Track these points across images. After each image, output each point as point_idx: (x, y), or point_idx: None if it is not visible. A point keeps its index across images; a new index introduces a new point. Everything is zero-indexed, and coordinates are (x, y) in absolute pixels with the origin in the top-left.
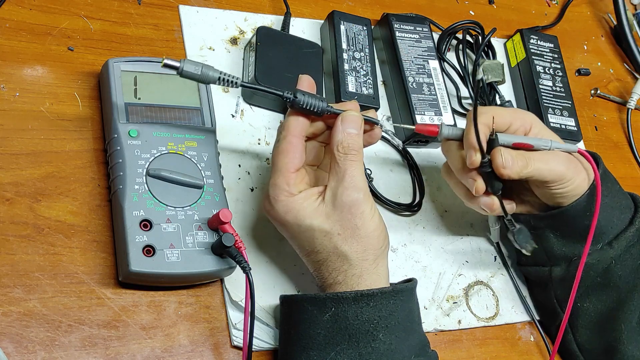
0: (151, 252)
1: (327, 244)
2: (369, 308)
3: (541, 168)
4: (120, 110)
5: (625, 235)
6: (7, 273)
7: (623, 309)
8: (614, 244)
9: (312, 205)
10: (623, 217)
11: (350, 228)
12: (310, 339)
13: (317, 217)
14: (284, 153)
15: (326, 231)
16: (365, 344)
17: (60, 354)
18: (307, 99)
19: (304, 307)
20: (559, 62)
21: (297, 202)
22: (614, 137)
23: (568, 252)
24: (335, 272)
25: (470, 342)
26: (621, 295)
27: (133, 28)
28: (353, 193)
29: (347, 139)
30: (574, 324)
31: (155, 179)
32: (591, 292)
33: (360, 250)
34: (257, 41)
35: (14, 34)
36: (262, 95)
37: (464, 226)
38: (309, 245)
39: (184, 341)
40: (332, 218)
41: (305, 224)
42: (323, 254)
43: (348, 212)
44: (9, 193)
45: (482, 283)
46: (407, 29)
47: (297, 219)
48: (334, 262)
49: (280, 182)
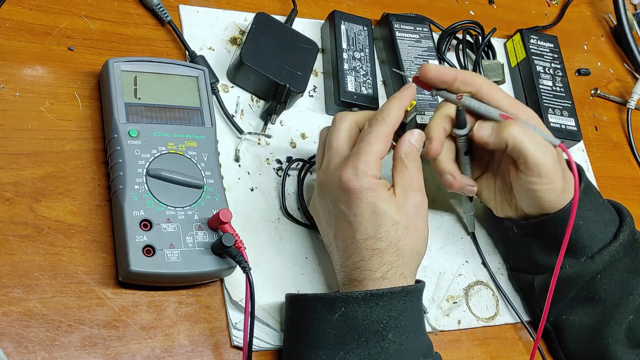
0: (151, 252)
1: (392, 234)
2: (378, 308)
3: (524, 142)
4: (120, 110)
5: (608, 249)
6: (7, 273)
7: (609, 322)
8: (596, 258)
9: (388, 193)
10: (607, 231)
11: (414, 226)
12: (319, 338)
13: (392, 204)
14: (382, 137)
15: (396, 220)
16: (374, 343)
17: (60, 354)
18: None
19: (313, 306)
20: (559, 62)
21: (379, 185)
22: (614, 137)
23: (550, 262)
24: (387, 265)
25: (470, 342)
26: (607, 308)
27: (133, 28)
28: (420, 195)
29: (414, 151)
30: (560, 336)
31: (155, 179)
32: (576, 305)
33: (415, 250)
34: (252, 24)
35: (14, 34)
36: (246, 76)
37: (464, 226)
38: (373, 229)
39: (184, 341)
40: (402, 211)
41: (380, 206)
42: (384, 242)
43: (414, 212)
44: (9, 193)
45: (482, 283)
46: (407, 29)
47: (376, 198)
48: (391, 254)
49: (372, 162)
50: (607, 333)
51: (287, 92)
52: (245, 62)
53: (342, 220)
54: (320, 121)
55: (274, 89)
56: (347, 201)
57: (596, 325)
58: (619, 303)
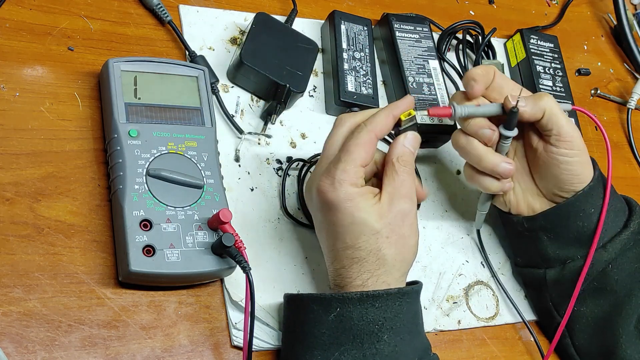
0: (151, 252)
1: (371, 243)
2: (374, 309)
3: (559, 113)
4: (120, 110)
5: (620, 238)
6: (7, 273)
7: (620, 313)
8: (608, 247)
9: (369, 201)
10: (617, 220)
11: (398, 235)
12: (314, 339)
13: (372, 214)
14: (362, 145)
15: (376, 230)
16: (369, 344)
17: (60, 354)
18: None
19: (309, 306)
20: (559, 62)
21: (359, 194)
22: (614, 137)
23: (562, 254)
24: (367, 273)
25: (470, 342)
26: (618, 299)
27: (133, 28)
28: (408, 202)
29: (407, 154)
30: (570, 327)
31: (155, 178)
32: (587, 296)
33: (399, 259)
34: (252, 24)
35: (14, 34)
36: (246, 76)
37: (464, 226)
38: (351, 239)
39: (184, 341)
40: (384, 220)
41: (359, 216)
42: (363, 251)
43: (400, 219)
44: (9, 193)
45: (482, 283)
46: (407, 29)
47: (355, 209)
48: (371, 263)
49: (351, 170)
50: (618, 324)
51: (287, 92)
52: (245, 62)
53: (322, 228)
54: (320, 121)
55: (274, 89)
56: (327, 211)
57: (607, 316)
58: (629, 293)
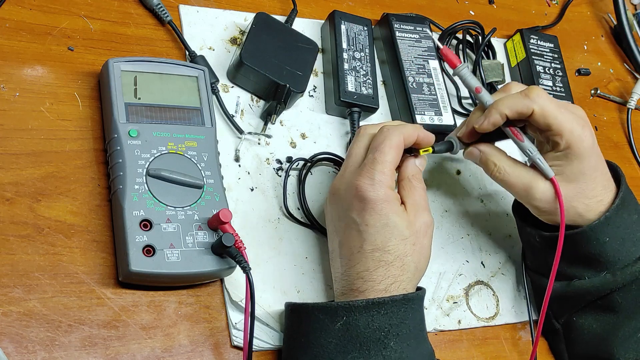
0: (151, 252)
1: (400, 248)
2: (380, 316)
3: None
4: (120, 110)
5: (631, 269)
6: (7, 273)
7: (618, 333)
8: (617, 275)
9: (401, 207)
10: (634, 250)
11: (421, 244)
12: (321, 348)
13: (404, 220)
14: (395, 147)
15: (405, 236)
16: (376, 352)
17: (60, 353)
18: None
19: (315, 315)
20: (559, 62)
21: (394, 197)
22: (614, 137)
23: (569, 272)
24: (392, 278)
25: (470, 342)
26: (619, 320)
27: (133, 28)
28: (429, 215)
29: (419, 173)
30: (568, 336)
31: (155, 179)
32: (589, 311)
33: (418, 268)
34: (252, 24)
35: (14, 34)
36: (246, 76)
37: (464, 226)
38: (382, 241)
39: (184, 341)
40: (412, 228)
41: (393, 219)
42: (391, 255)
43: (424, 230)
44: (9, 193)
45: (482, 283)
46: (407, 29)
47: (390, 210)
48: (396, 268)
49: (388, 173)
50: (614, 343)
51: (287, 92)
52: (245, 62)
53: (351, 229)
54: (321, 121)
55: (274, 88)
56: (361, 210)
57: (604, 333)
58: (631, 317)
